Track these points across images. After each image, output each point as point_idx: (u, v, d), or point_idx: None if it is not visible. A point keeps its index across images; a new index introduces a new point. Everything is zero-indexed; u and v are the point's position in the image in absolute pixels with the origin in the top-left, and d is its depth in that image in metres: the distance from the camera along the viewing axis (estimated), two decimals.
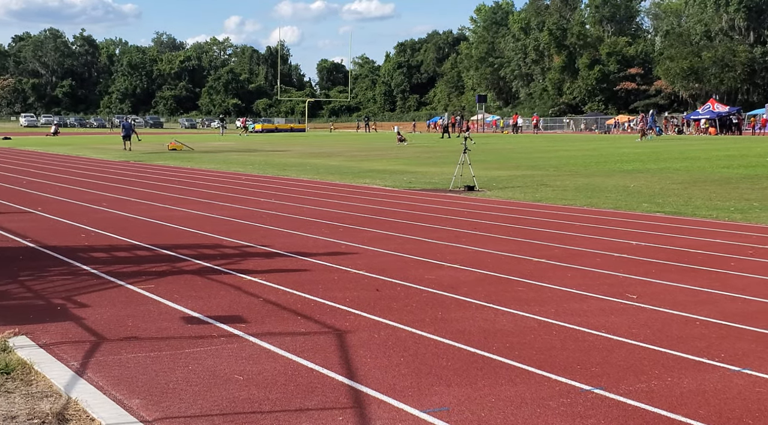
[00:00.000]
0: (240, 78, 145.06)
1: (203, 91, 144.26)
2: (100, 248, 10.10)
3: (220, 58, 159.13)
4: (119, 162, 30.82)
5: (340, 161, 31.63)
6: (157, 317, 6.59)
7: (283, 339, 5.93)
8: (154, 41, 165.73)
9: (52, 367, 5.20)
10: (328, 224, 12.64)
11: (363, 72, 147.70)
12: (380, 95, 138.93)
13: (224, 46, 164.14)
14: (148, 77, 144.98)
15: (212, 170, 26.62)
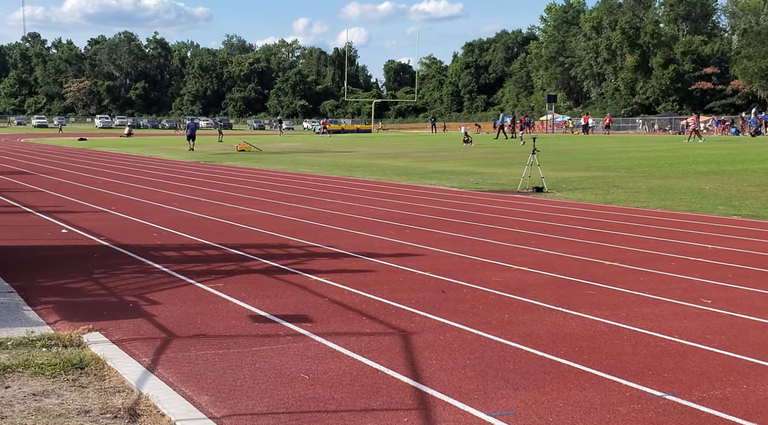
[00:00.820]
0: (307, 80, 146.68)
1: (271, 92, 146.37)
2: (171, 247, 10.35)
3: (288, 60, 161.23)
4: (189, 163, 31.52)
5: (406, 162, 31.67)
6: (226, 316, 6.71)
7: (348, 339, 5.97)
8: (224, 44, 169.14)
9: (125, 363, 5.34)
10: (393, 225, 12.66)
11: (430, 72, 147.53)
12: (447, 96, 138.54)
13: (292, 48, 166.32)
14: (218, 79, 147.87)
15: (279, 170, 26.98)
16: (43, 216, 13.42)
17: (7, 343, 5.70)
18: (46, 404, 4.54)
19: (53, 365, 5.17)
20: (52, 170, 25.96)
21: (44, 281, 7.99)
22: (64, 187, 19.48)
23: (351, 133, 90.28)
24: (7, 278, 8.03)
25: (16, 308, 6.84)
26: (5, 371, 5.08)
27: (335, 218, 13.66)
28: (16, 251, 9.90)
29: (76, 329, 6.11)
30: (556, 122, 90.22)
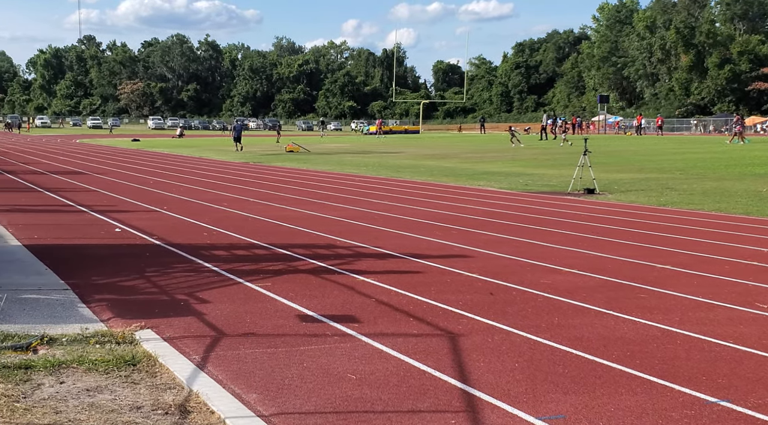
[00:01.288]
0: (356, 81, 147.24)
1: (320, 94, 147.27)
2: (221, 247, 10.49)
3: (337, 62, 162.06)
4: (238, 163, 31.91)
5: (454, 163, 31.58)
6: (274, 315, 6.78)
7: (395, 340, 5.98)
8: (274, 46, 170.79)
9: (175, 360, 5.43)
10: (441, 227, 12.64)
11: (479, 73, 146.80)
12: (497, 96, 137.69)
13: (341, 50, 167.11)
14: (268, 81, 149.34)
15: (327, 171, 27.14)
16: (98, 215, 13.73)
17: (62, 339, 5.85)
18: (99, 399, 4.64)
19: (106, 361, 5.29)
20: (105, 170, 26.54)
21: (98, 279, 8.17)
22: (118, 187, 19.89)
23: (399, 134, 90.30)
24: (63, 275, 8.23)
25: (71, 305, 7.01)
26: (60, 366, 5.21)
27: (382, 218, 13.68)
28: (72, 250, 10.15)
29: (129, 326, 6.23)
30: (608, 122, 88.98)
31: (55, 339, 5.85)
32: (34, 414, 4.37)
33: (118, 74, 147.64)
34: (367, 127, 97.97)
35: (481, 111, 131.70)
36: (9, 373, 5.00)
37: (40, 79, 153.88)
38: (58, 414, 4.37)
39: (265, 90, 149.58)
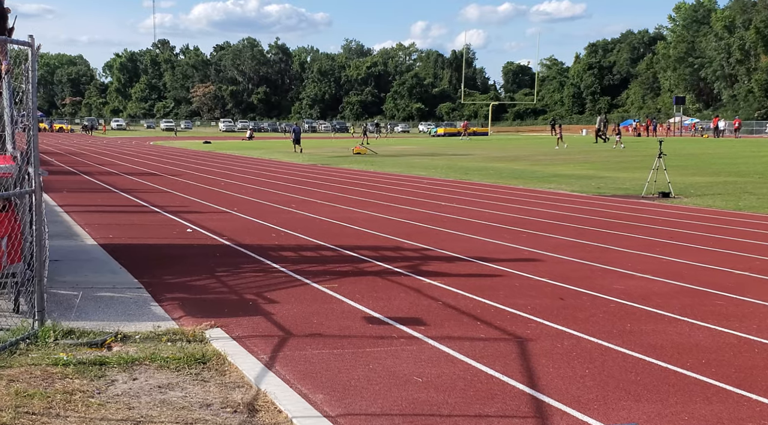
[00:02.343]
0: (424, 82, 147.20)
1: (388, 96, 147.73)
2: (289, 248, 10.63)
3: (405, 63, 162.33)
4: (306, 165, 32.26)
5: (524, 165, 31.25)
6: (340, 316, 6.83)
7: (462, 344, 5.95)
8: (342, 48, 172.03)
9: (244, 359, 5.53)
10: (510, 230, 12.52)
11: (550, 74, 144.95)
12: (568, 98, 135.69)
13: (409, 51, 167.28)
14: (336, 83, 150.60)
15: (394, 173, 27.20)
16: (170, 216, 14.07)
17: (135, 337, 6.01)
18: (170, 396, 4.75)
19: (177, 359, 5.41)
20: (178, 172, 27.18)
21: (170, 278, 8.37)
22: (190, 188, 20.35)
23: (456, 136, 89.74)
24: (136, 274, 8.47)
25: (144, 304, 7.20)
26: (133, 363, 5.35)
27: (450, 221, 13.64)
28: (145, 249, 10.42)
29: (199, 325, 6.37)
30: (684, 124, 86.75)
31: (129, 336, 6.01)
32: (108, 409, 4.50)
33: (190, 78, 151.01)
34: (435, 129, 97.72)
35: (552, 112, 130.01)
36: (84, 369, 5.16)
37: (116, 83, 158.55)
38: (131, 410, 4.50)
39: (333, 92, 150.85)
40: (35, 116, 6.26)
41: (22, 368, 5.16)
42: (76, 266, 8.82)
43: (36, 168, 6.25)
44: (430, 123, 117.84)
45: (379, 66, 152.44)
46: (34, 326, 6.02)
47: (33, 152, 6.31)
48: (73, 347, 5.69)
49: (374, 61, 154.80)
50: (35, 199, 6.43)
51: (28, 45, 6.16)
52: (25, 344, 5.69)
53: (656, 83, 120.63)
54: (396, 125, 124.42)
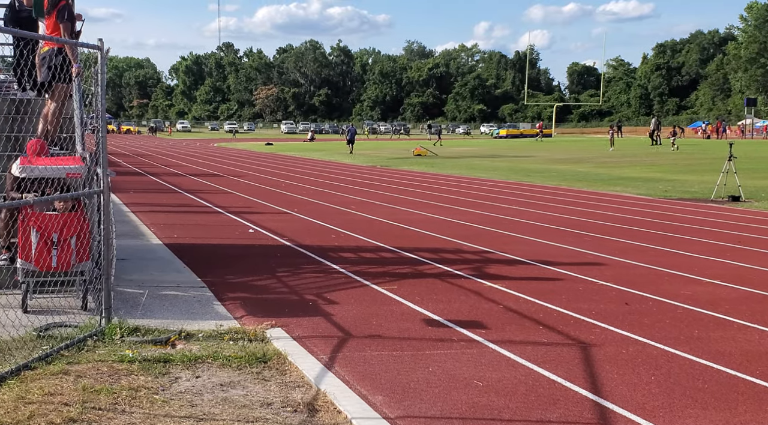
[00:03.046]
0: (486, 83, 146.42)
1: (449, 97, 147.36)
2: (348, 249, 10.69)
3: (468, 65, 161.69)
4: (366, 167, 32.40)
5: (588, 168, 30.79)
6: (399, 318, 6.84)
7: (524, 348, 5.90)
8: (404, 50, 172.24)
9: (304, 359, 5.58)
10: (573, 233, 12.35)
11: (617, 75, 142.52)
12: (635, 99, 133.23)
13: (472, 52, 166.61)
14: (398, 85, 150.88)
15: (455, 175, 27.11)
16: (232, 216, 14.30)
17: (198, 335, 6.13)
18: (232, 395, 4.83)
19: (239, 357, 5.49)
20: (240, 173, 27.60)
21: (232, 278, 8.51)
22: (252, 189, 20.65)
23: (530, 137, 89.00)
24: (200, 273, 8.63)
25: (207, 303, 7.34)
26: (196, 361, 5.45)
27: (511, 223, 13.52)
28: (208, 249, 10.62)
29: (260, 324, 6.46)
30: (756, 126, 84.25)
31: (192, 334, 6.13)
32: (172, 406, 4.60)
33: (253, 80, 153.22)
34: (497, 130, 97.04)
35: (618, 114, 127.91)
36: (149, 366, 5.29)
37: (181, 85, 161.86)
38: (194, 407, 4.58)
39: (395, 94, 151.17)
40: (104, 118, 6.44)
41: (89, 364, 5.31)
42: (142, 265, 9.04)
43: (104, 169, 6.43)
44: (492, 124, 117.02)
45: (440, 67, 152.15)
46: (101, 323, 6.19)
47: (101, 153, 6.50)
48: (139, 344, 5.83)
49: (436, 62, 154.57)
50: (103, 199, 6.61)
51: (98, 48, 6.33)
52: (93, 340, 5.86)
53: (726, 85, 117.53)
54: (457, 126, 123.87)
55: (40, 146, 7.30)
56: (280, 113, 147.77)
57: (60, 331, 6.04)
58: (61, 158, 7.26)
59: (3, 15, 9.48)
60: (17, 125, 8.76)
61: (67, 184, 7.17)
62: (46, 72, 8.03)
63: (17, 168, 6.92)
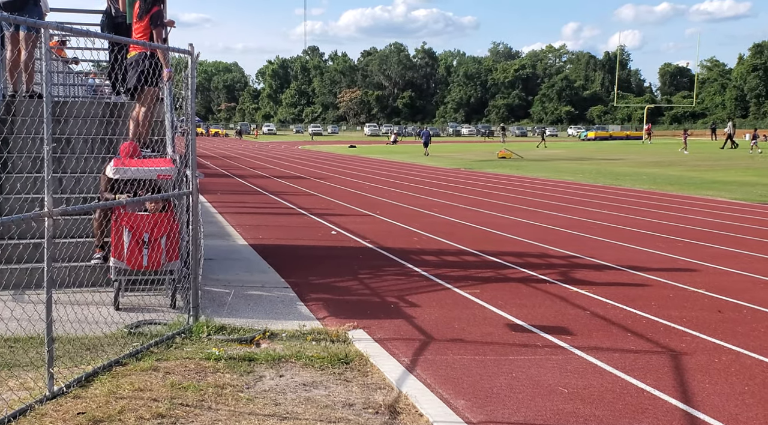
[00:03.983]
0: (574, 85, 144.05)
1: (535, 99, 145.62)
2: (430, 252, 10.69)
3: (555, 66, 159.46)
4: (450, 169, 32.31)
5: (680, 171, 29.90)
6: (482, 322, 6.80)
7: (611, 355, 5.78)
8: (490, 51, 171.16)
9: (386, 361, 5.62)
10: (663, 238, 12.03)
11: (711, 76, 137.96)
12: (730, 101, 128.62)
13: (560, 53, 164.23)
14: (482, 87, 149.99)
15: (540, 178, 26.76)
16: (316, 218, 14.50)
17: (282, 335, 6.24)
18: (314, 395, 4.90)
19: (321, 358, 5.57)
20: (324, 176, 27.95)
21: (315, 279, 8.63)
22: (335, 191, 20.88)
23: (619, 140, 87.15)
24: (284, 274, 8.79)
25: (290, 303, 7.47)
26: (280, 360, 5.56)
27: (599, 228, 13.27)
28: (292, 250, 10.80)
29: (342, 325, 6.53)
30: None
31: (276, 334, 6.25)
32: (256, 404, 4.70)
33: (338, 83, 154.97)
34: (585, 132, 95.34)
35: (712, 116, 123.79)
36: (235, 364, 5.42)
37: (267, 89, 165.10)
38: (277, 406, 4.67)
39: (479, 96, 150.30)
40: (194, 121, 6.64)
41: (177, 361, 5.48)
42: (228, 265, 9.27)
43: (193, 171, 6.63)
44: (580, 126, 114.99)
45: (527, 68, 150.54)
46: (189, 321, 6.38)
47: (191, 156, 6.70)
48: (225, 342, 5.98)
49: (522, 63, 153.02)
50: (192, 200, 6.81)
51: (188, 53, 6.53)
52: (181, 338, 6.04)
53: None
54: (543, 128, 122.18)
55: (133, 148, 7.57)
56: (364, 115, 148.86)
57: (150, 328, 6.25)
58: (153, 160, 7.52)
59: (100, 21, 9.90)
60: (111, 128, 9.12)
61: (158, 185, 7.41)
62: (137, 76, 8.33)
63: (111, 170, 7.20)
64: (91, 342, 5.75)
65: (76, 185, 8.45)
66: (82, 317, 5.99)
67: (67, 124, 8.82)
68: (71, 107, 8.88)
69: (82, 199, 8.23)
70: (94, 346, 5.67)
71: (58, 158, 8.58)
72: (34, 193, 8.05)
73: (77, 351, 5.57)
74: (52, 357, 4.76)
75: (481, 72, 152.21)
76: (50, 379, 4.73)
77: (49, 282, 4.73)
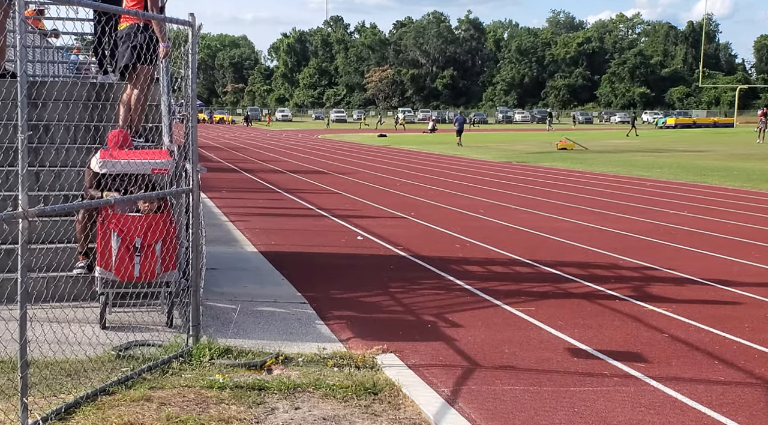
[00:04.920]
0: (650, 62, 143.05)
1: (603, 78, 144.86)
2: (475, 261, 10.67)
3: (627, 39, 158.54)
4: (499, 163, 32.26)
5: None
6: (538, 346, 6.77)
7: (694, 387, 5.73)
8: (548, 21, 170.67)
9: (421, 392, 5.61)
10: (760, 246, 11.90)
11: None
12: None
13: (633, 24, 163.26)
14: (539, 64, 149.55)
15: (608, 173, 26.60)
16: (338, 221, 14.55)
17: (298, 359, 6.27)
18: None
19: (345, 387, 5.58)
20: (348, 170, 28.05)
21: (337, 293, 8.66)
22: (361, 189, 20.94)
23: (705, 127, 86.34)
24: (300, 287, 8.82)
25: (308, 321, 7.50)
26: (295, 390, 5.58)
27: (680, 233, 13.16)
28: (310, 258, 10.84)
29: (370, 348, 6.54)
30: None
31: (291, 358, 6.28)
32: None
33: (365, 60, 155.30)
34: (663, 119, 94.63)
35: None
36: (242, 394, 5.45)
37: (282, 67, 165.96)
38: None
39: (535, 75, 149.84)
40: (194, 106, 6.69)
41: (174, 389, 5.52)
42: (235, 276, 9.33)
43: (194, 164, 6.68)
44: (657, 112, 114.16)
45: (593, 42, 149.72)
46: (189, 342, 6.43)
47: (191, 146, 6.75)
48: (230, 368, 6.02)
49: (587, 36, 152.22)
50: (193, 199, 6.86)
51: (189, 25, 6.57)
52: (178, 362, 6.09)
53: None
54: (613, 114, 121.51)
55: (123, 137, 7.62)
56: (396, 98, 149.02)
57: (142, 351, 6.31)
58: (146, 152, 7.58)
59: None
60: (97, 113, 9.22)
61: (153, 181, 7.48)
62: (129, 52, 8.41)
63: (97, 162, 7.27)
64: (72, 367, 5.82)
65: (56, 180, 8.56)
66: (62, 337, 6.06)
67: (46, 108, 8.94)
68: (50, 89, 8.99)
69: (62, 197, 8.33)
70: (77, 371, 5.74)
71: (34, 148, 8.69)
72: (6, 190, 8.16)
73: (56, 377, 5.64)
74: (26, 384, 4.81)
75: (538, 46, 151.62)
76: (24, 411, 4.78)
77: (24, 295, 4.78)
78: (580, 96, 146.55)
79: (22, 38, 4.80)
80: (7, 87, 8.37)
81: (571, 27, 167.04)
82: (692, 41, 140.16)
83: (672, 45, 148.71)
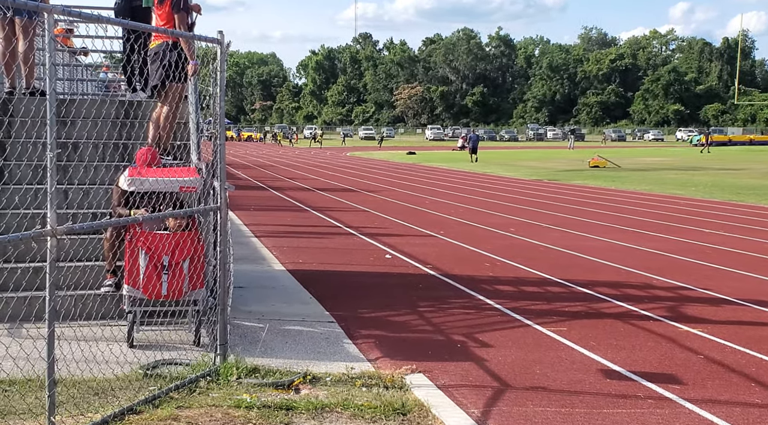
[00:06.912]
0: (685, 78, 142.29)
1: (636, 95, 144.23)
2: (506, 280, 10.64)
3: (661, 55, 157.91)
4: (531, 181, 32.17)
5: None
6: (570, 367, 6.73)
7: (731, 410, 5.68)
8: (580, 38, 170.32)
9: (451, 413, 5.60)
10: None
11: None
12: None
13: (666, 40, 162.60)
14: (570, 81, 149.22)
15: (641, 191, 26.44)
16: (367, 239, 14.56)
17: (326, 379, 6.27)
18: None
19: (373, 407, 5.58)
20: (377, 188, 28.09)
21: (365, 312, 8.66)
22: (390, 207, 20.95)
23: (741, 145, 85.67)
24: (328, 306, 8.84)
25: (335, 341, 7.50)
26: (323, 410, 5.58)
27: (716, 253, 13.05)
28: (338, 277, 10.86)
29: (399, 368, 6.53)
30: None
31: (318, 377, 6.29)
32: None
33: (394, 77, 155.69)
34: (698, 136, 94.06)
35: None
36: (269, 413, 5.46)
37: (310, 85, 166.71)
38: None
39: (566, 92, 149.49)
40: (223, 123, 6.74)
41: (201, 409, 5.54)
42: (263, 295, 9.36)
43: (222, 182, 6.72)
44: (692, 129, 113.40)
45: (626, 59, 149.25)
46: (216, 361, 6.45)
47: (219, 164, 6.79)
48: (257, 387, 6.03)
49: (620, 52, 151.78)
50: (220, 217, 6.90)
51: (218, 42, 6.63)
52: (206, 381, 6.11)
53: None
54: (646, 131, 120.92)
55: (151, 155, 7.70)
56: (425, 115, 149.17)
57: (169, 369, 6.34)
58: (174, 169, 7.64)
59: (114, 5, 10.14)
60: (126, 131, 9.32)
61: (181, 199, 7.53)
62: (159, 71, 8.49)
63: (125, 180, 7.33)
64: (99, 386, 5.86)
65: (84, 198, 8.64)
66: (89, 356, 6.11)
67: (75, 126, 9.04)
68: (79, 106, 9.10)
69: (90, 215, 8.42)
70: (104, 390, 5.77)
71: (63, 166, 8.79)
72: (35, 208, 8.25)
73: (83, 395, 5.68)
74: (53, 402, 4.85)
75: (569, 63, 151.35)
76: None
77: (51, 314, 4.82)
78: (613, 113, 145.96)
79: (51, 56, 4.87)
80: (37, 105, 8.49)
81: (603, 43, 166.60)
82: (727, 58, 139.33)
83: (707, 61, 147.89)
